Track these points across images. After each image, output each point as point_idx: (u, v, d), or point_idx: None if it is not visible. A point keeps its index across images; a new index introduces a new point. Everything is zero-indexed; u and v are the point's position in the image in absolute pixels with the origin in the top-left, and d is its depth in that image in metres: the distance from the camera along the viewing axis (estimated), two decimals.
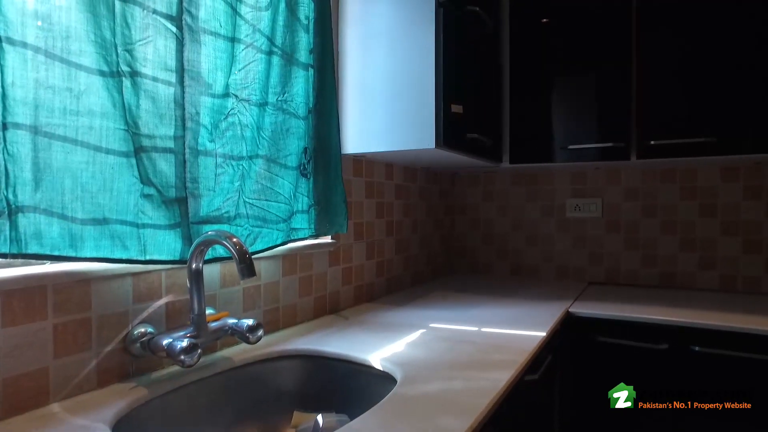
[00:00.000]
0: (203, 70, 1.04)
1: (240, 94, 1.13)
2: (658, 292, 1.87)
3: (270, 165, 1.21)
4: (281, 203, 1.24)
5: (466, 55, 1.59)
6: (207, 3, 1.05)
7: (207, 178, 1.06)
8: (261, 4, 1.18)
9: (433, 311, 1.55)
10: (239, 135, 1.13)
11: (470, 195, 2.36)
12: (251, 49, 1.16)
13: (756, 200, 1.85)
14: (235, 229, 1.13)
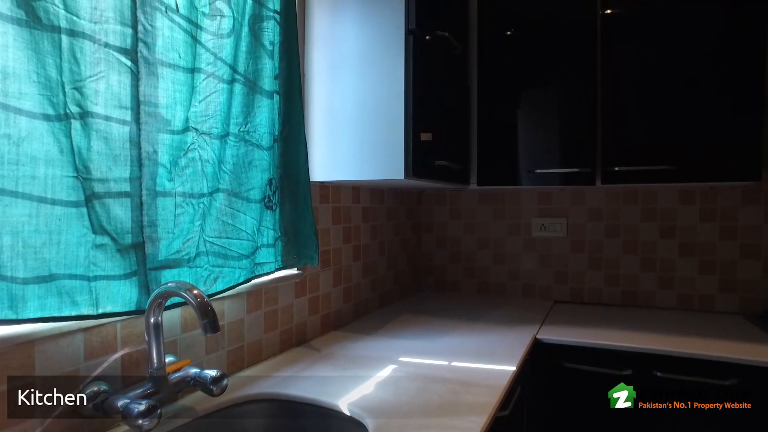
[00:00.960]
0: (161, 104, 0.98)
1: (201, 127, 1.07)
2: (621, 312, 1.91)
3: (232, 200, 1.16)
4: (244, 240, 1.19)
5: (436, 81, 1.57)
6: (165, 33, 0.98)
7: (166, 220, 0.99)
8: (223, 31, 1.13)
9: (402, 341, 1.53)
10: (200, 171, 1.07)
11: (437, 213, 2.35)
12: (213, 79, 1.10)
13: (710, 222, 1.91)
14: (195, 270, 1.07)
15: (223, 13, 1.12)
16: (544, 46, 1.81)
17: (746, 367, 1.37)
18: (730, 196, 1.89)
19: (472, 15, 1.86)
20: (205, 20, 1.08)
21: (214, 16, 1.10)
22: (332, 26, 1.43)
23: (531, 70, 1.84)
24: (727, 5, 1.59)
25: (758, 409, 1.35)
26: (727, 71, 1.59)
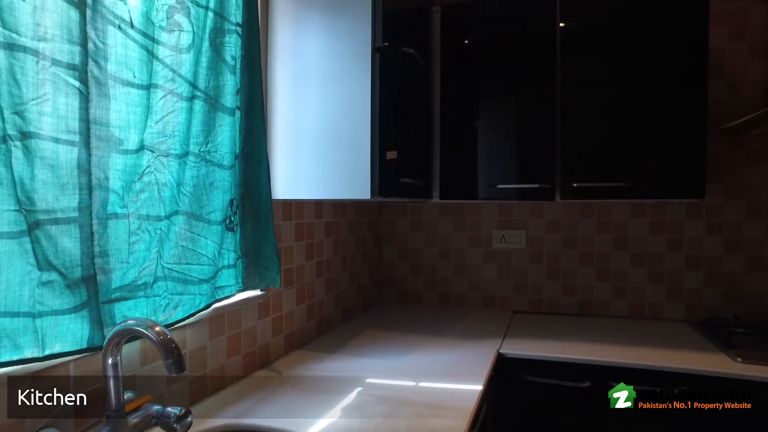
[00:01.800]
0: (113, 126, 0.92)
1: (158, 148, 1.01)
2: (578, 322, 1.97)
3: (192, 224, 1.10)
4: (204, 265, 1.13)
5: (401, 98, 1.55)
6: (118, 50, 0.92)
7: (119, 249, 0.93)
8: (182, 46, 1.07)
9: (367, 359, 1.51)
10: (156, 195, 1.01)
11: (399, 225, 2.34)
12: (171, 97, 1.04)
13: (659, 234, 2.00)
14: (153, 300, 1.01)
15: (183, 27, 1.06)
16: (505, 60, 1.83)
17: (692, 376, 1.44)
18: (676, 210, 1.98)
19: (435, 30, 1.86)
20: (163, 35, 1.02)
21: (173, 30, 1.05)
22: (296, 40, 1.39)
23: (492, 84, 1.86)
24: (672, 31, 1.67)
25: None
26: (675, 94, 1.66)
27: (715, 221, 1.95)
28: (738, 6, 1.90)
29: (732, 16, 1.91)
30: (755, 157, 1.90)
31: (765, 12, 1.87)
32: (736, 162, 1.92)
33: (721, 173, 1.93)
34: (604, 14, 1.74)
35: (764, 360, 1.45)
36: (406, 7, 1.67)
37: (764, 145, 1.89)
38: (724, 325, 1.78)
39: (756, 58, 1.89)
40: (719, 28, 1.91)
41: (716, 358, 1.50)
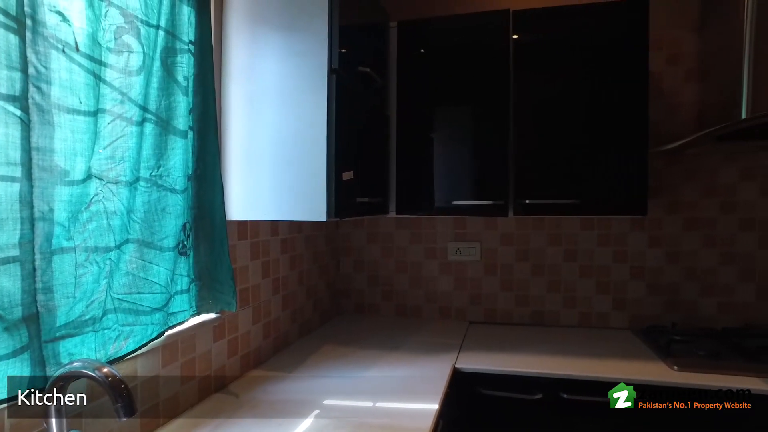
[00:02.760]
0: (58, 155, 0.87)
1: (106, 175, 0.97)
2: (530, 332, 2.03)
3: (143, 252, 1.06)
4: (156, 293, 1.10)
5: (357, 118, 1.56)
6: (62, 76, 0.88)
7: (65, 284, 0.89)
8: (131, 68, 1.03)
9: (324, 379, 1.50)
10: (105, 225, 0.97)
11: (355, 237, 2.34)
12: (120, 121, 1.00)
13: (606, 247, 2.09)
14: (102, 333, 0.97)
15: (132, 48, 1.03)
16: (460, 76, 1.87)
17: (636, 385, 1.50)
18: (621, 224, 2.08)
19: (392, 47, 1.87)
20: (111, 57, 0.98)
21: (121, 51, 1.01)
22: (251, 59, 1.37)
23: (448, 100, 1.90)
24: (616, 53, 1.75)
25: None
26: (619, 115, 1.74)
27: (656, 234, 2.06)
28: (674, 34, 2.01)
29: (669, 43, 2.02)
30: (691, 174, 2.02)
31: (697, 41, 2.00)
32: (674, 179, 2.04)
33: (661, 189, 2.04)
34: (553, 33, 1.81)
35: (698, 367, 1.55)
36: (363, 22, 1.67)
37: (698, 164, 2.01)
38: (664, 333, 1.88)
39: (690, 83, 2.01)
40: (658, 53, 2.02)
41: (657, 367, 1.59)
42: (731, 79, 1.73)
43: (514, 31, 1.79)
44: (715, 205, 2.02)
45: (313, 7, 1.32)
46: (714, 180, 2.01)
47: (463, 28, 1.87)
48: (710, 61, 1.93)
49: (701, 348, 1.68)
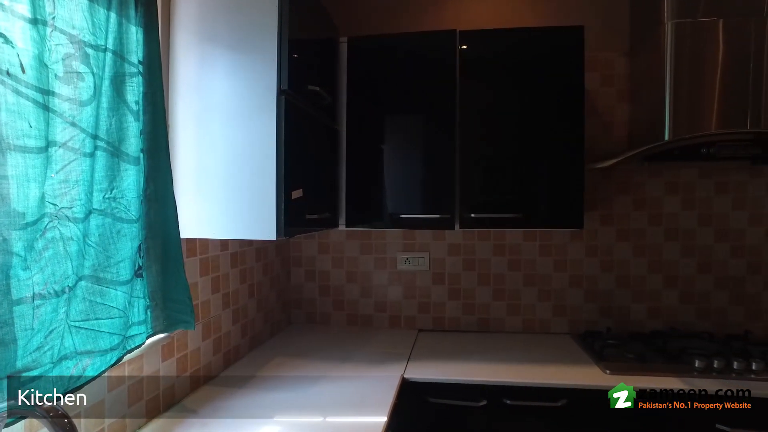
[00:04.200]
0: (11, 188, 0.85)
1: (59, 202, 0.95)
2: (477, 339, 2.12)
3: (100, 277, 1.05)
4: (114, 318, 1.08)
5: (307, 136, 1.58)
6: (10, 107, 0.85)
7: (22, 315, 0.87)
8: (81, 95, 1.01)
9: (275, 393, 1.52)
10: (62, 251, 0.95)
11: (306, 248, 2.36)
12: (71, 149, 0.98)
13: (547, 257, 2.21)
14: (60, 364, 0.95)
15: (81, 73, 1.01)
16: (408, 92, 1.93)
17: (571, 390, 1.62)
18: (561, 235, 2.20)
19: (342, 62, 1.91)
20: (58, 84, 0.96)
21: (70, 76, 0.99)
22: (200, 78, 1.37)
23: (395, 115, 1.95)
24: (554, 72, 1.86)
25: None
26: (558, 133, 1.85)
27: (592, 244, 2.19)
28: (607, 56, 2.16)
29: (603, 64, 2.16)
30: (622, 188, 2.17)
31: (628, 64, 2.15)
32: (608, 193, 2.18)
33: (596, 202, 2.18)
34: (497, 54, 1.89)
35: (626, 370, 1.67)
36: (314, 39, 1.69)
37: (629, 179, 2.17)
38: (599, 338, 2.01)
39: (622, 103, 2.16)
40: (593, 73, 2.15)
41: (590, 371, 1.70)
42: (656, 103, 1.87)
43: (461, 51, 1.87)
44: (644, 218, 2.17)
45: (261, 26, 1.34)
46: (642, 194, 2.17)
47: (412, 46, 1.93)
48: (639, 84, 2.08)
49: (631, 351, 1.82)
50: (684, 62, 1.81)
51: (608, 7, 2.17)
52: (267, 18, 1.35)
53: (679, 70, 1.81)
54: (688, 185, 2.15)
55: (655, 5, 1.89)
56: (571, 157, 1.83)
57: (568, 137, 1.83)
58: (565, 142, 1.84)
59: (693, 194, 2.15)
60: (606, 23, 2.16)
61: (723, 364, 1.66)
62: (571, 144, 1.83)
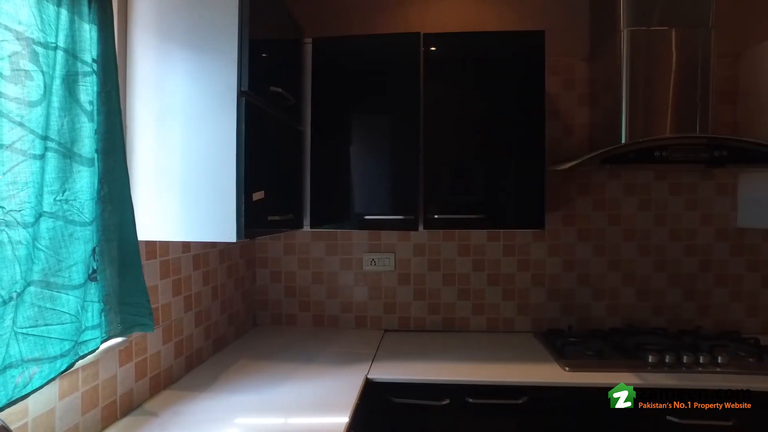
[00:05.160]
0: None
1: (7, 205, 0.92)
2: (442, 338, 2.15)
3: (50, 281, 1.02)
4: (66, 323, 1.05)
5: (269, 137, 1.57)
6: None
7: None
8: (30, 95, 0.98)
9: (238, 395, 1.50)
10: (10, 256, 0.92)
11: (272, 248, 2.34)
12: (19, 150, 0.95)
13: (511, 256, 2.25)
14: (4, 373, 0.91)
15: (29, 72, 0.98)
16: (372, 96, 1.94)
17: (532, 387, 1.66)
18: (524, 235, 2.25)
19: (307, 63, 1.90)
20: (4, 83, 0.93)
21: (18, 75, 0.96)
22: (160, 78, 1.34)
23: (360, 115, 1.96)
24: (517, 76, 1.90)
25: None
26: (520, 136, 1.89)
27: (554, 244, 2.25)
28: (569, 61, 2.21)
29: (565, 69, 2.22)
30: (584, 190, 2.23)
31: (588, 69, 2.21)
32: (569, 193, 2.24)
33: (558, 203, 2.23)
34: (461, 57, 1.92)
35: (585, 367, 1.72)
36: (276, 39, 1.69)
37: (590, 181, 2.23)
38: (560, 336, 2.07)
39: (583, 106, 2.22)
40: (556, 77, 2.21)
41: (551, 369, 1.74)
42: (614, 107, 1.93)
43: (425, 54, 1.89)
44: (604, 218, 2.24)
45: (221, 27, 1.32)
46: (602, 195, 2.23)
47: (377, 48, 1.94)
48: (598, 88, 2.14)
49: (590, 348, 1.87)
50: (639, 68, 1.87)
51: (570, 13, 2.22)
52: (227, 18, 1.34)
53: (634, 75, 1.87)
54: (645, 187, 2.22)
55: (612, 13, 1.95)
56: (532, 159, 1.87)
57: (529, 139, 1.87)
58: (527, 144, 1.88)
59: (649, 195, 2.23)
60: (567, 29, 2.22)
61: (674, 359, 1.73)
62: (533, 146, 1.87)
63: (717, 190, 2.21)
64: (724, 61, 2.15)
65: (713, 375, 1.67)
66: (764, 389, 1.58)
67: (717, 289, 2.22)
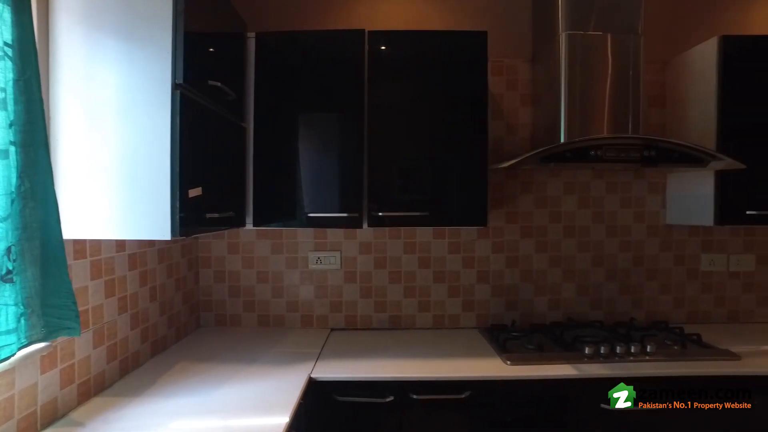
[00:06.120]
0: None
1: None
2: (388, 336, 2.15)
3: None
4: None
5: (207, 133, 1.52)
6: None
7: None
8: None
9: (175, 399, 1.45)
10: None
11: (215, 248, 2.28)
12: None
13: (456, 254, 2.29)
14: None
15: None
16: (316, 92, 1.92)
17: (475, 382, 1.69)
18: (469, 232, 2.29)
19: (250, 58, 1.86)
20: None
21: None
22: (88, 67, 1.27)
23: (305, 111, 1.93)
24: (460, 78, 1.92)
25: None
26: (464, 135, 1.92)
27: (498, 241, 2.30)
28: (511, 62, 2.27)
29: (508, 70, 2.27)
30: (526, 188, 2.30)
31: (530, 70, 2.27)
32: (513, 191, 2.29)
33: (502, 201, 2.29)
34: (404, 55, 1.93)
35: (525, 361, 1.77)
36: (216, 32, 1.64)
37: (532, 179, 2.29)
38: (504, 331, 2.12)
39: (526, 106, 2.28)
40: (500, 77, 2.26)
41: (493, 363, 1.78)
42: (554, 108, 1.99)
43: (370, 51, 1.89)
44: (545, 215, 2.31)
45: (154, 17, 1.27)
46: (544, 193, 2.30)
47: (321, 44, 1.92)
48: (539, 89, 2.20)
49: (531, 342, 1.92)
50: (576, 71, 1.94)
51: (513, 16, 2.28)
52: (161, 7, 1.28)
53: (571, 78, 1.94)
54: (584, 185, 2.31)
55: (552, 16, 2.02)
56: (475, 157, 1.91)
57: (472, 138, 1.90)
58: (469, 143, 1.91)
59: (588, 193, 2.32)
60: (511, 31, 2.27)
61: (608, 350, 1.80)
62: (476, 145, 1.90)
63: (649, 188, 2.33)
64: (653, 67, 2.26)
65: (643, 363, 1.76)
66: (687, 374, 1.69)
67: (648, 283, 2.34)
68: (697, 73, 2.08)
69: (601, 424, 1.69)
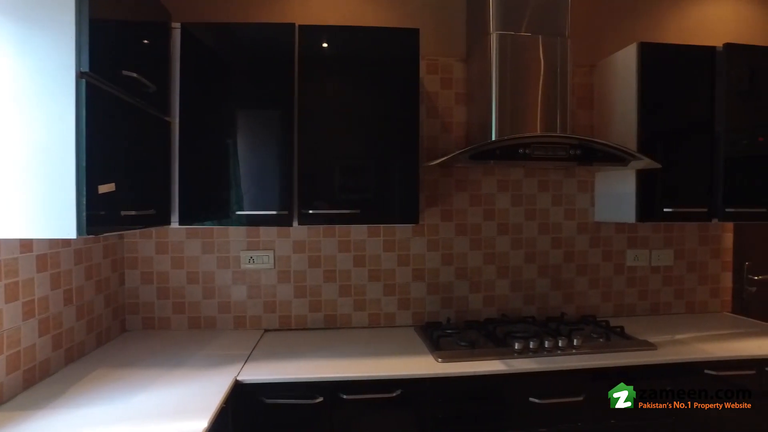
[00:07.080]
0: None
1: None
2: (322, 336, 2.12)
3: None
4: None
5: (122, 126, 1.44)
6: None
7: None
8: None
9: (86, 408, 1.36)
10: None
11: (142, 248, 2.17)
12: None
13: (391, 252, 2.28)
14: None
15: None
16: (246, 84, 1.86)
17: (405, 380, 1.68)
18: (404, 230, 2.29)
19: (175, 49, 1.78)
20: None
21: None
22: None
23: (234, 108, 1.87)
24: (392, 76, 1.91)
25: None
26: (396, 131, 1.91)
27: (433, 239, 2.31)
28: (446, 61, 2.29)
29: (443, 68, 2.29)
30: (460, 185, 2.32)
31: (464, 69, 2.30)
32: (447, 189, 2.31)
33: (436, 198, 2.30)
34: (336, 49, 1.90)
35: (457, 357, 1.78)
36: (131, 20, 1.55)
37: (466, 177, 2.32)
38: (438, 328, 2.13)
39: (460, 105, 2.30)
40: (434, 76, 2.27)
41: (425, 361, 1.78)
42: (486, 107, 2.02)
43: (300, 45, 1.85)
44: (480, 213, 2.34)
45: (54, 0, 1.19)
46: (478, 191, 2.34)
47: (250, 37, 1.87)
48: (473, 88, 2.23)
49: (464, 339, 1.94)
50: (506, 71, 1.98)
51: (448, 15, 2.30)
52: None
53: (502, 77, 1.97)
54: (516, 183, 2.36)
55: (484, 16, 2.04)
56: (407, 155, 1.91)
57: (404, 135, 1.90)
58: (401, 140, 1.91)
59: (520, 191, 2.37)
60: (446, 30, 2.29)
61: (537, 345, 1.85)
62: (408, 142, 1.90)
63: (578, 187, 2.41)
64: (582, 69, 2.35)
65: (569, 356, 1.81)
66: (609, 365, 1.77)
67: (578, 278, 2.42)
68: (620, 76, 2.16)
69: (531, 418, 1.73)
